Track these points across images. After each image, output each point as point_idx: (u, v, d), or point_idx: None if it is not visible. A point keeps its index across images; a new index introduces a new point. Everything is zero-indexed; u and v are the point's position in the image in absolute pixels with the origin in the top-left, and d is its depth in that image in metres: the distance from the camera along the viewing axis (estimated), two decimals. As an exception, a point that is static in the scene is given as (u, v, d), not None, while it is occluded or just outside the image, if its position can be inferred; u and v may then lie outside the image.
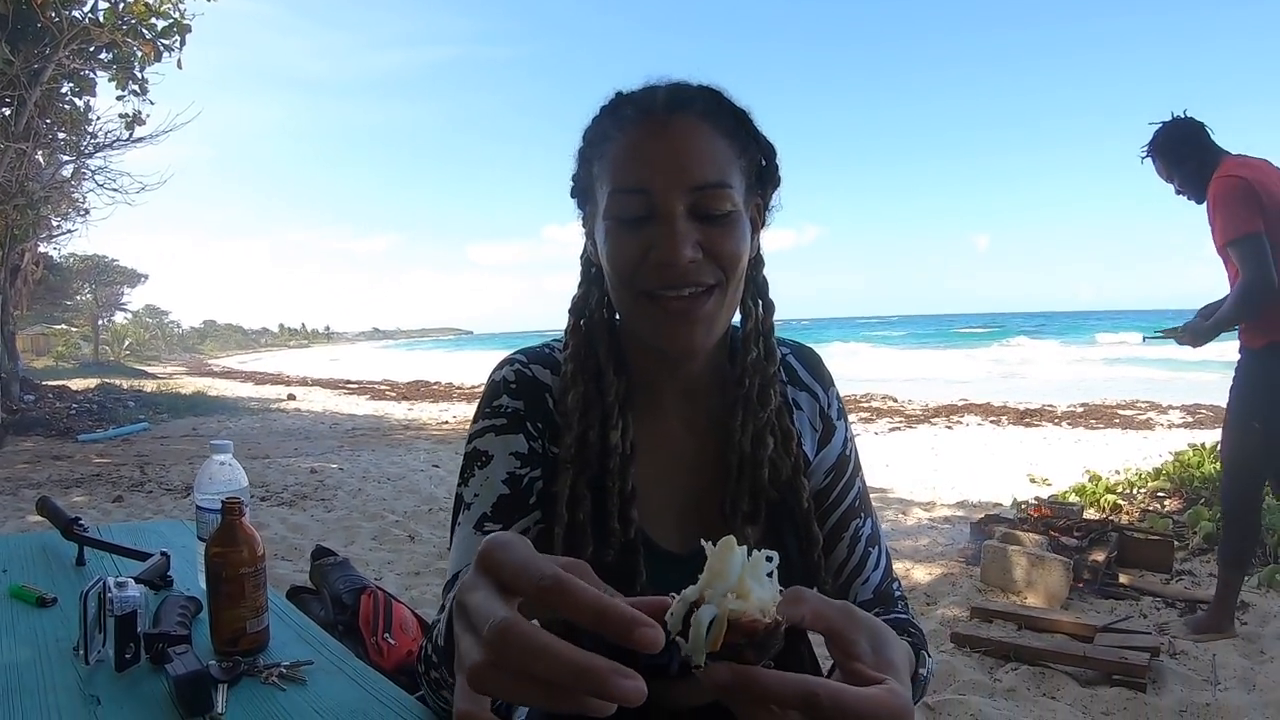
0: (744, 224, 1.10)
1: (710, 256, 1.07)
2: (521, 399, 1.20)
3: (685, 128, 1.07)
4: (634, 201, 1.06)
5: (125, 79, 14.40)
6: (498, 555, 0.67)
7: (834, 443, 1.30)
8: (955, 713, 3.27)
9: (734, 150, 1.10)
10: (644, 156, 1.07)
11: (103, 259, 46.27)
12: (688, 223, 1.05)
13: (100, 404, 16.83)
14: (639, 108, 1.10)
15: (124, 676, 1.25)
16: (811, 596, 0.78)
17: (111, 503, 7.36)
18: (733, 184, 1.08)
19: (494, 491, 1.15)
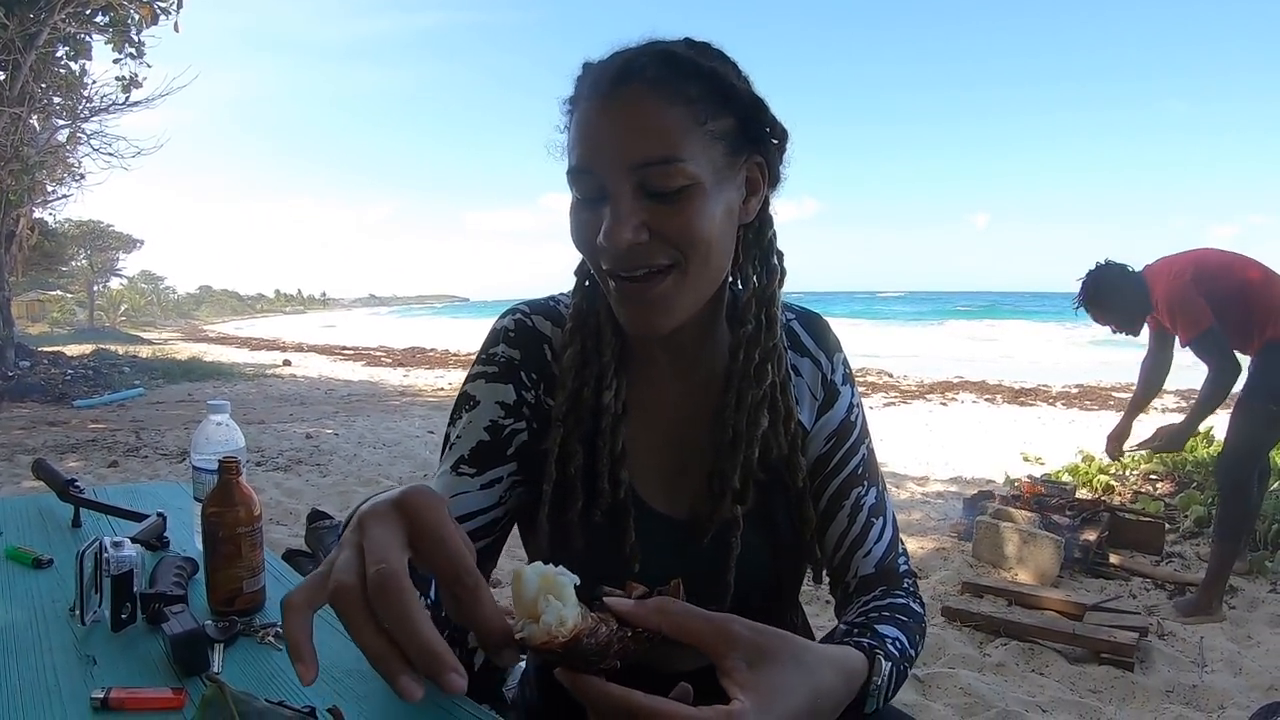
0: (708, 198, 1.03)
1: (662, 236, 1.02)
2: (518, 348, 1.20)
3: (630, 102, 1.01)
4: (584, 182, 1.05)
5: (121, 42, 14.33)
6: (425, 514, 0.73)
7: (836, 408, 1.27)
8: (944, 686, 3.29)
9: (695, 116, 1.02)
10: (590, 135, 1.04)
11: (98, 224, 46.08)
12: (635, 202, 1.01)
13: (96, 370, 16.78)
14: (590, 83, 1.06)
15: (120, 636, 1.24)
16: (676, 612, 0.80)
17: (107, 468, 7.37)
18: (685, 156, 1.01)
19: (474, 437, 1.17)
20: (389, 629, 0.67)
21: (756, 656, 0.79)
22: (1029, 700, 3.21)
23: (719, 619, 0.81)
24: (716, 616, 0.81)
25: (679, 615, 0.80)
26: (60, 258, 37.52)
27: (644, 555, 1.15)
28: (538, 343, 1.21)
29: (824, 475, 1.25)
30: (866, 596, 1.18)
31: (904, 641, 1.05)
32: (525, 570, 0.73)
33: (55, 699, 1.05)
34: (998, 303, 75.30)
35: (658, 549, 1.17)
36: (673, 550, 1.18)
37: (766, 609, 1.29)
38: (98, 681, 1.09)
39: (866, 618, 1.09)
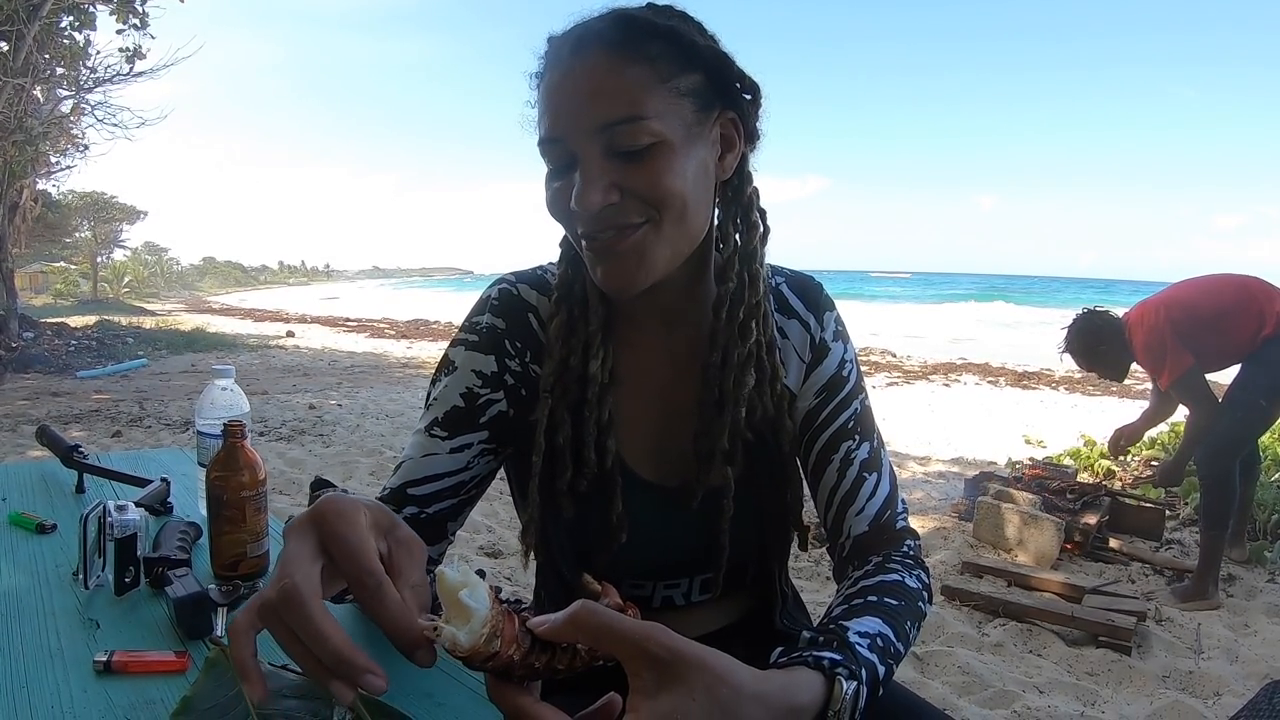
0: (677, 154, 1.03)
1: (633, 194, 1.03)
2: (503, 317, 1.21)
3: (588, 66, 1.02)
4: (553, 151, 1.06)
5: (125, 12, 14.26)
6: (334, 522, 0.76)
7: (826, 363, 1.25)
8: (943, 664, 3.31)
9: (659, 74, 1.02)
10: (554, 104, 1.04)
11: (102, 196, 46.01)
12: (604, 163, 1.02)
13: (99, 341, 16.80)
14: (552, 54, 1.07)
15: (123, 600, 1.25)
16: (589, 621, 0.75)
17: (110, 438, 7.39)
18: (649, 113, 1.01)
19: (449, 402, 1.19)
20: (301, 639, 0.70)
21: (666, 680, 0.72)
22: (1026, 681, 3.23)
23: (638, 632, 0.74)
24: (636, 628, 0.74)
25: (595, 627, 0.74)
26: (64, 229, 37.53)
27: (633, 524, 1.16)
28: (523, 312, 1.21)
29: (814, 429, 1.23)
30: (859, 572, 1.14)
31: (888, 634, 0.97)
32: (445, 576, 0.73)
33: (58, 662, 1.05)
34: (1003, 286, 75.21)
35: (647, 518, 1.18)
36: (661, 518, 1.19)
37: (756, 581, 1.30)
38: (101, 645, 1.09)
39: (848, 606, 1.03)
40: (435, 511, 1.19)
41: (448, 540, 1.25)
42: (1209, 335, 3.98)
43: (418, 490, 1.18)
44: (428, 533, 1.18)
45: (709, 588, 1.24)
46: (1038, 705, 3.01)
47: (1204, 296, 4.06)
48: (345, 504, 0.77)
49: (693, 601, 1.26)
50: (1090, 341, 4.39)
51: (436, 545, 1.22)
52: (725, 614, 1.31)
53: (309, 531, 0.76)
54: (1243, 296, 3.98)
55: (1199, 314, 4.00)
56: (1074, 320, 4.48)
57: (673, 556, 1.22)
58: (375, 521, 0.79)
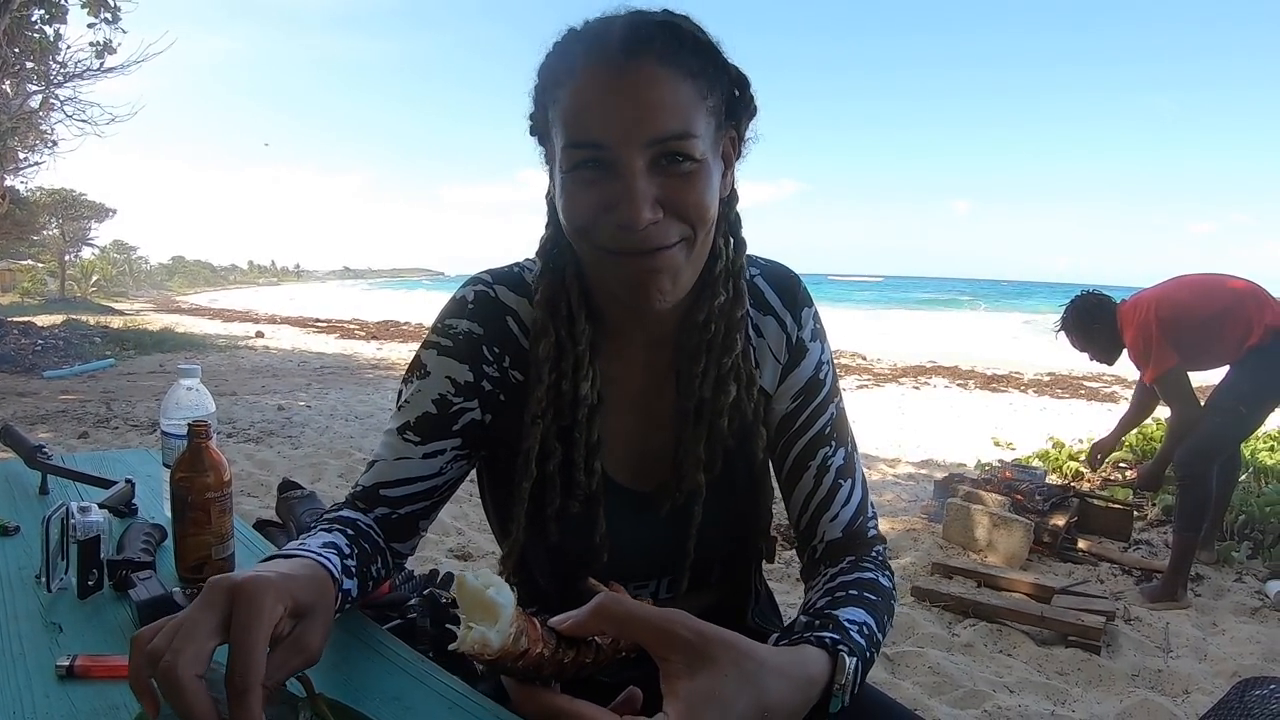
0: (711, 172, 1.03)
1: (674, 212, 1.01)
2: (479, 322, 1.18)
3: (643, 75, 0.98)
4: (589, 155, 1.00)
5: (97, 6, 14.11)
6: (241, 609, 0.78)
7: (804, 365, 1.24)
8: (913, 665, 3.32)
9: (699, 90, 1.01)
10: (598, 109, 0.99)
11: (70, 193, 45.41)
12: (648, 179, 0.99)
13: (66, 340, 16.57)
14: (592, 52, 1.00)
15: (87, 604, 1.23)
16: (615, 611, 0.80)
17: (77, 439, 7.30)
18: (698, 131, 1.00)
19: (421, 407, 1.18)
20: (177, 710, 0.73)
21: (697, 661, 0.77)
22: (996, 680, 3.25)
23: (662, 619, 0.80)
24: (660, 615, 0.80)
25: (621, 616, 0.80)
26: (31, 227, 37.04)
27: (610, 529, 1.17)
28: (501, 316, 1.18)
29: (790, 434, 1.22)
30: (833, 569, 1.15)
31: (871, 625, 1.01)
32: (465, 579, 0.74)
33: (20, 667, 1.03)
34: (975, 290, 75.73)
35: (623, 523, 1.18)
36: (635, 522, 1.19)
37: (725, 579, 1.31)
38: (64, 649, 1.07)
39: (832, 598, 1.05)
40: (407, 512, 1.20)
41: (419, 535, 1.25)
42: (1195, 337, 4.02)
43: (390, 492, 1.18)
44: (400, 530, 1.20)
45: (675, 586, 1.25)
46: (1008, 705, 3.03)
47: (1195, 298, 4.10)
48: (262, 592, 0.80)
49: (660, 598, 1.26)
50: (1086, 320, 4.44)
51: (408, 541, 1.23)
52: (691, 607, 1.30)
53: (218, 606, 0.78)
54: (1234, 302, 4.02)
55: (1188, 315, 4.03)
56: (1072, 300, 4.53)
57: (645, 558, 1.23)
58: (294, 607, 0.85)
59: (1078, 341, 4.53)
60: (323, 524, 1.15)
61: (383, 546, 1.18)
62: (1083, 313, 4.44)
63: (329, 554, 1.01)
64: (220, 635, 0.77)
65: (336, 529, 1.12)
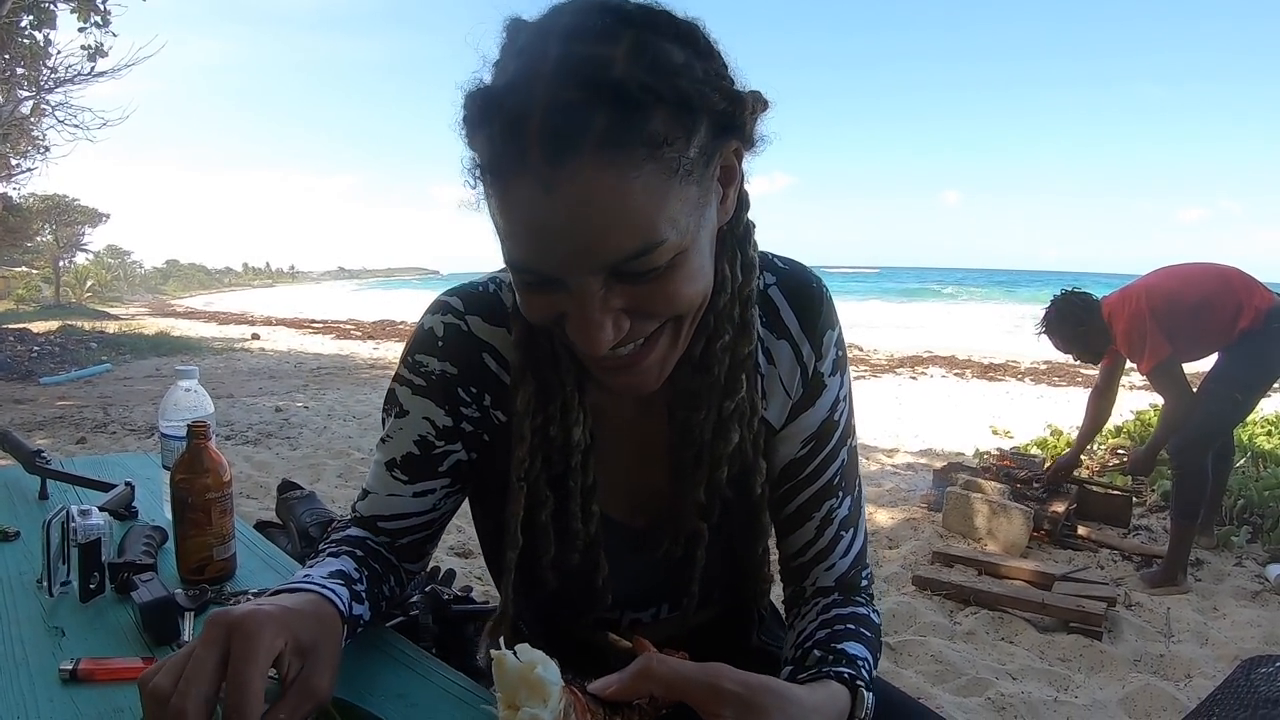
0: (691, 254, 0.83)
1: (645, 315, 0.85)
2: (452, 361, 1.07)
3: (580, 188, 0.74)
4: (533, 277, 0.83)
5: (87, 10, 14.06)
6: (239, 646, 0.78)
7: (819, 405, 1.09)
8: (915, 653, 3.33)
9: (664, 170, 0.76)
10: (530, 237, 0.79)
11: (63, 198, 45.34)
12: (607, 294, 0.81)
13: (62, 346, 16.54)
14: (509, 148, 0.76)
15: (89, 607, 1.23)
16: (661, 672, 0.80)
17: (75, 444, 7.28)
18: (666, 233, 0.78)
19: (404, 446, 1.12)
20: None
21: (747, 713, 0.78)
22: (999, 668, 3.25)
23: (707, 674, 0.80)
24: (704, 672, 0.80)
25: (668, 678, 0.79)
26: (25, 233, 37.01)
27: (612, 568, 1.11)
28: (476, 352, 1.07)
29: (796, 482, 1.11)
30: (827, 600, 1.11)
31: (871, 662, 0.99)
32: (506, 659, 0.73)
33: (23, 671, 1.03)
34: (968, 280, 75.76)
35: (622, 560, 1.11)
36: (633, 558, 1.12)
37: (727, 598, 1.25)
38: (66, 653, 1.07)
39: (831, 630, 1.02)
40: (408, 541, 1.17)
41: (427, 557, 1.23)
42: (1188, 324, 4.02)
43: (387, 525, 1.15)
44: (405, 554, 1.18)
45: (675, 609, 1.20)
46: (1011, 691, 3.03)
47: (1184, 286, 4.10)
48: (260, 627, 0.80)
49: (662, 619, 1.22)
50: (1069, 322, 4.42)
51: (417, 563, 1.21)
52: (694, 624, 1.25)
53: (219, 642, 0.78)
54: (1222, 287, 4.03)
55: (1179, 303, 4.04)
56: (1053, 301, 4.51)
57: (643, 591, 1.18)
58: (300, 644, 0.84)
59: (1061, 343, 4.53)
60: (330, 546, 1.11)
61: (395, 565, 1.15)
62: (1066, 313, 4.43)
63: (335, 585, 0.98)
64: (223, 672, 0.77)
65: (345, 552, 1.08)
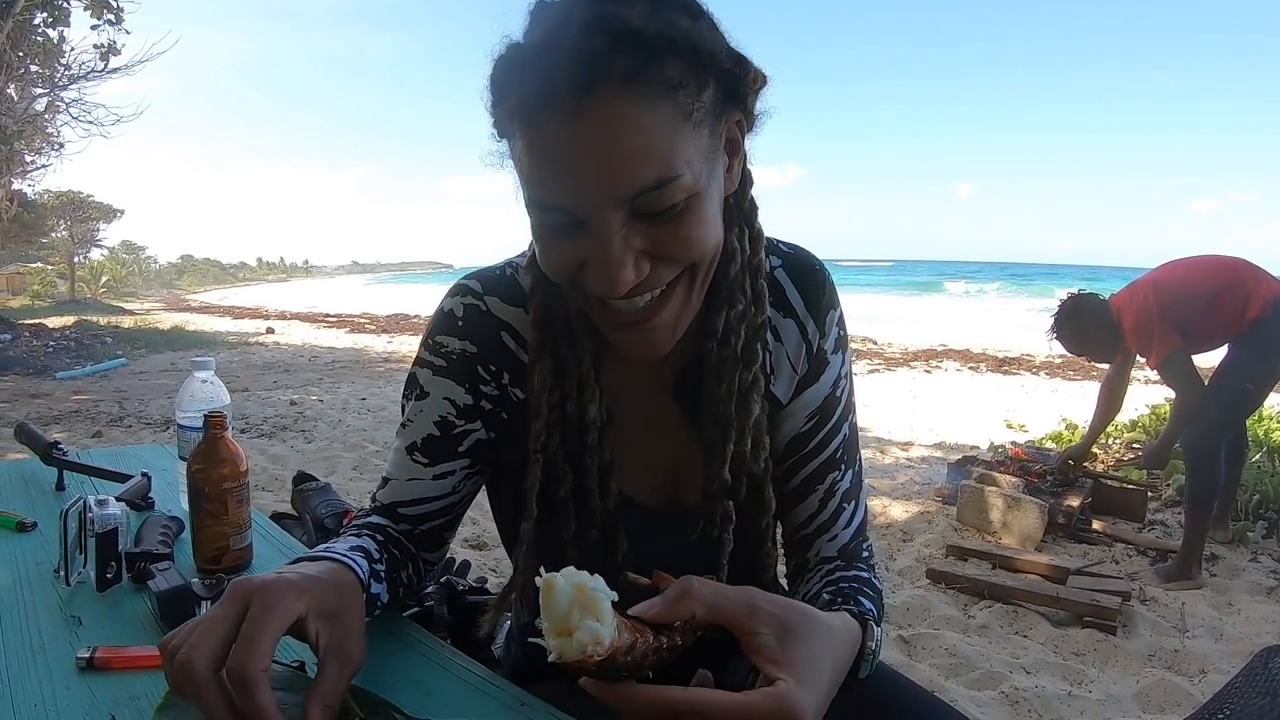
0: (706, 200, 0.88)
1: (665, 258, 0.89)
2: (473, 340, 1.10)
3: (603, 119, 0.80)
4: (557, 217, 0.87)
5: (100, 8, 14.12)
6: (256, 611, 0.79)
7: (822, 381, 1.13)
8: (929, 647, 3.32)
9: (682, 106, 0.83)
10: (556, 167, 0.84)
11: (78, 195, 45.66)
12: (628, 232, 0.85)
13: (78, 341, 16.63)
14: (538, 91, 0.82)
15: (105, 596, 1.24)
16: (703, 593, 0.79)
17: (91, 438, 7.32)
18: (680, 169, 0.83)
19: (424, 429, 1.13)
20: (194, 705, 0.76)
21: (783, 631, 0.79)
22: (1013, 661, 3.24)
23: (745, 596, 0.80)
24: (742, 593, 0.80)
25: (707, 596, 0.79)
26: (40, 229, 37.21)
27: (635, 559, 1.09)
28: (494, 331, 1.10)
29: (800, 456, 1.14)
30: (829, 566, 1.12)
31: (876, 615, 0.99)
32: (557, 581, 0.68)
33: (41, 660, 1.04)
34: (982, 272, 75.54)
35: (640, 538, 1.11)
36: (652, 538, 1.11)
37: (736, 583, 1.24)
38: (83, 641, 1.08)
39: (838, 589, 1.03)
40: (428, 528, 1.17)
41: (445, 545, 1.24)
42: (1196, 316, 4.00)
43: (407, 510, 1.16)
44: (424, 542, 1.19)
45: None
46: (1025, 685, 3.03)
47: (1192, 277, 4.08)
48: (281, 591, 0.82)
49: None
50: (1079, 325, 4.43)
51: (436, 551, 1.22)
52: None
53: (238, 603, 0.79)
54: (1230, 279, 4.00)
55: (1187, 295, 4.02)
56: (1061, 304, 4.51)
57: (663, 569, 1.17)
58: (325, 610, 0.86)
59: (1073, 346, 4.53)
60: (352, 529, 1.13)
61: (413, 553, 1.16)
62: (1075, 318, 4.44)
63: (356, 556, 1.00)
64: (238, 630, 0.77)
65: (366, 534, 1.10)
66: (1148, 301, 4.05)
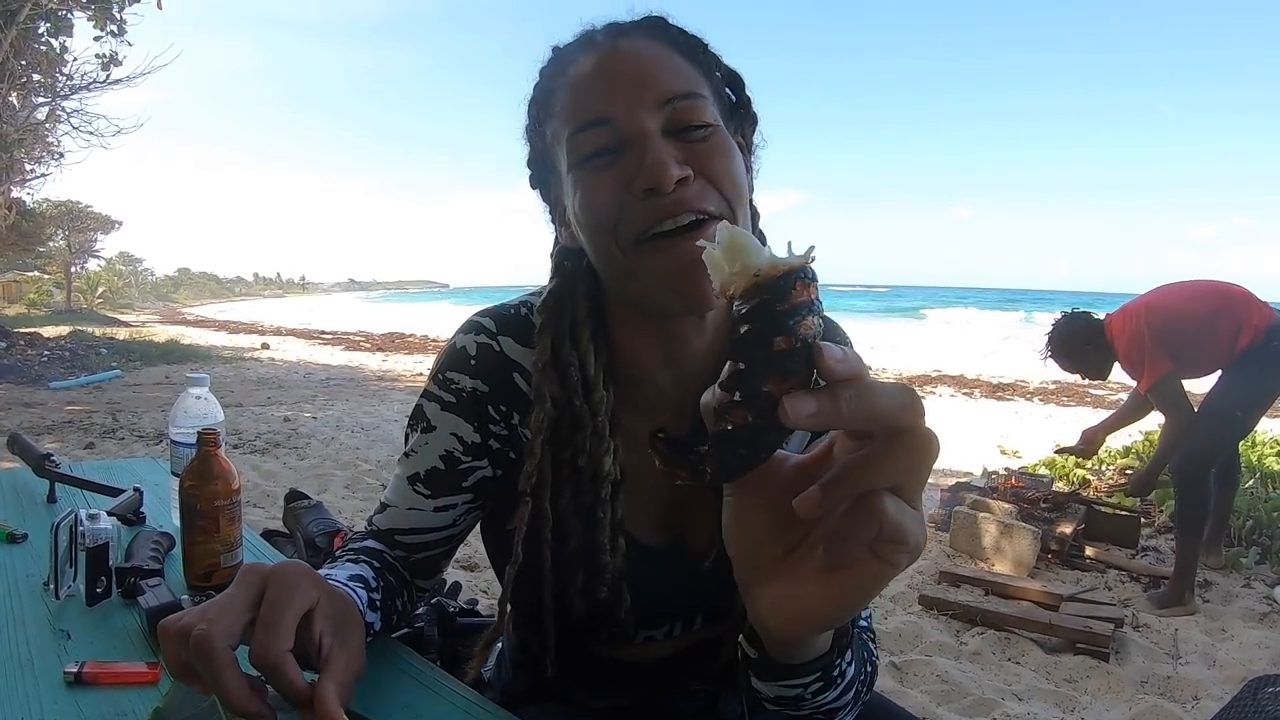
0: (732, 144, 0.95)
1: (703, 177, 0.91)
2: (484, 379, 1.08)
3: (636, 47, 0.96)
4: (598, 136, 0.92)
5: (104, 19, 14.16)
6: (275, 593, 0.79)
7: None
8: (921, 673, 3.31)
9: (697, 70, 0.97)
10: (597, 84, 0.94)
11: (76, 205, 45.69)
12: (665, 141, 0.91)
13: (73, 351, 16.61)
14: (579, 46, 0.99)
15: (95, 611, 1.23)
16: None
17: (83, 449, 7.31)
18: (708, 95, 0.95)
19: (428, 461, 1.11)
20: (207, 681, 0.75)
21: None
22: (1005, 688, 3.23)
23: None
24: None
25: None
26: (38, 238, 37.16)
27: (633, 587, 1.07)
28: (506, 371, 1.08)
29: None
30: None
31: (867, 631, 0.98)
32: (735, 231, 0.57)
33: (28, 673, 1.03)
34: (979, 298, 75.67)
35: (645, 578, 1.08)
36: (655, 575, 1.08)
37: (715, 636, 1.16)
38: (72, 656, 1.08)
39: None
40: (424, 556, 1.16)
41: (440, 574, 1.23)
42: (1188, 342, 4.02)
43: (405, 539, 1.15)
44: (419, 570, 1.18)
45: (690, 625, 1.16)
46: (1017, 712, 3.02)
47: (1185, 303, 4.10)
48: (298, 581, 0.82)
49: (674, 637, 1.17)
50: (1073, 344, 4.44)
51: (430, 579, 1.21)
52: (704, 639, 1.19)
53: (254, 585, 0.80)
54: (1222, 305, 4.02)
55: (1179, 320, 4.04)
56: (1055, 323, 4.52)
57: (663, 608, 1.13)
58: (330, 611, 0.85)
59: (1067, 364, 4.53)
60: (348, 553, 1.12)
61: (408, 580, 1.16)
62: (1069, 336, 4.45)
63: (355, 586, 1.00)
64: (253, 611, 0.78)
65: (364, 559, 1.09)
66: (1140, 325, 4.06)
